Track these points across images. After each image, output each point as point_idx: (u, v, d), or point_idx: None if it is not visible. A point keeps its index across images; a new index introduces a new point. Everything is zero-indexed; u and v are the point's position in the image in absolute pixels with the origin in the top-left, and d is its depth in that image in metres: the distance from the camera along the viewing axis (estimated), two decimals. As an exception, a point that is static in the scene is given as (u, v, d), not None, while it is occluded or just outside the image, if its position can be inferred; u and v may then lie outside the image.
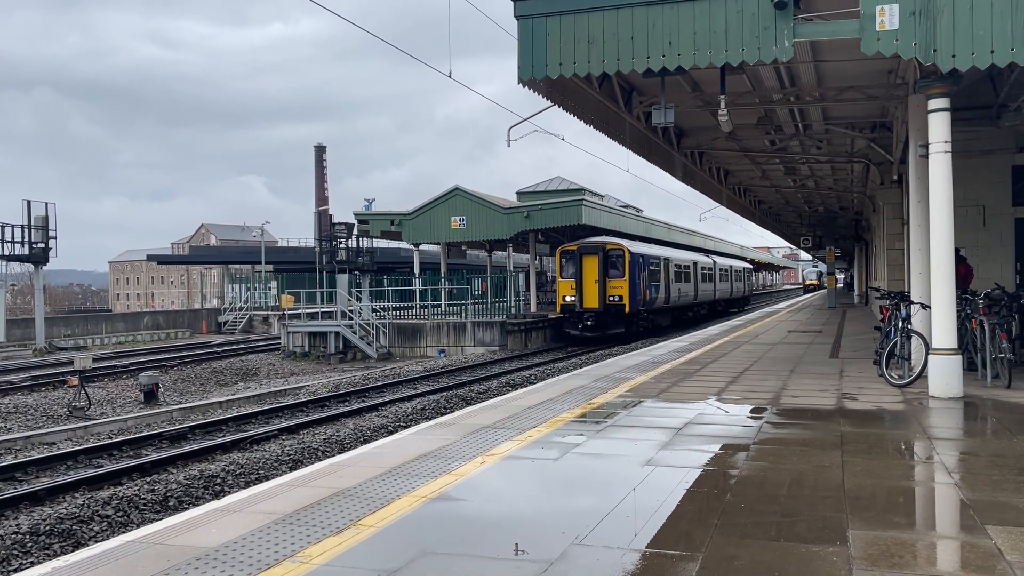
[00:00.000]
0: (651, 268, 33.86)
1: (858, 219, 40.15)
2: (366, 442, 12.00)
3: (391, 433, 12.18)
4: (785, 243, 78.91)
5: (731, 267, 54.79)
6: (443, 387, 19.24)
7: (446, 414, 11.10)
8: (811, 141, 20.72)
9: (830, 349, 17.13)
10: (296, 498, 5.82)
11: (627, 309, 30.90)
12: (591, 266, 31.25)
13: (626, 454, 7.14)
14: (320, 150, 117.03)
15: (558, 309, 32.22)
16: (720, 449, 7.31)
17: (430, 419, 11.72)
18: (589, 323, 30.76)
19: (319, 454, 11.79)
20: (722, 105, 12.01)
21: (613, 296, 30.93)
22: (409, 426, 12.06)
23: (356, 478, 6.37)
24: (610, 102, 14.80)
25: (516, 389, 15.15)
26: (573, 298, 31.15)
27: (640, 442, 7.61)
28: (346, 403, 17.51)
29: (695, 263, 43.18)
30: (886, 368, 11.31)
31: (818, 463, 6.65)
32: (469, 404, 15.58)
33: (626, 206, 55.73)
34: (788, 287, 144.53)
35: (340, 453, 9.31)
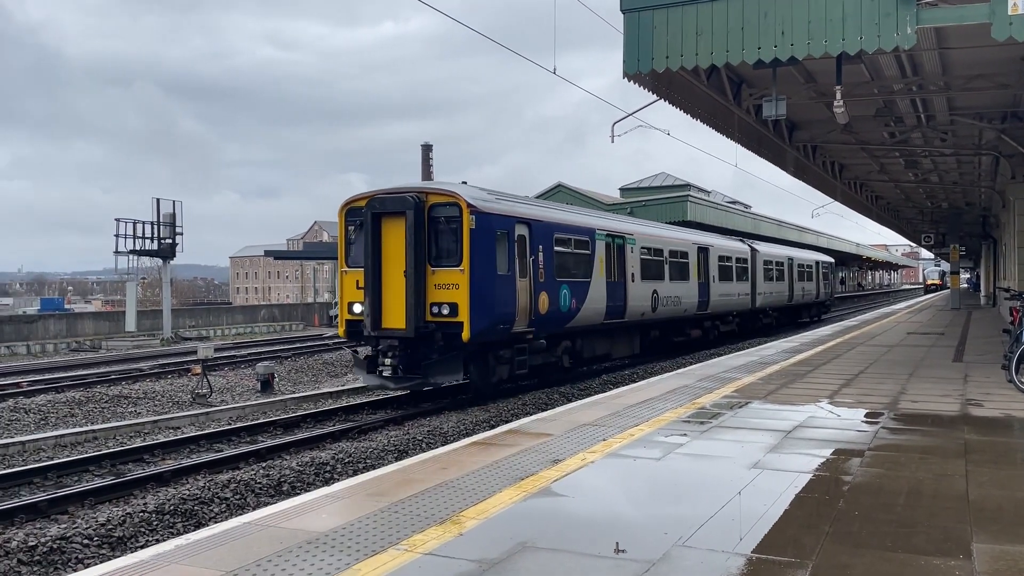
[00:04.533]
0: (559, 249, 17.11)
1: (985, 215, 37.82)
2: (468, 435, 12.17)
3: (492, 427, 12.30)
4: (905, 240, 75.26)
5: (791, 260, 36.71)
6: (544, 384, 19.30)
7: (547, 410, 11.12)
8: (935, 133, 19.64)
9: (953, 352, 16.20)
10: (401, 488, 5.96)
11: (466, 334, 14.16)
12: (394, 240, 14.54)
13: (732, 456, 6.96)
14: (427, 149, 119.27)
15: (340, 330, 15.98)
16: (832, 454, 7.03)
17: (531, 415, 11.78)
18: (390, 360, 14.45)
19: (423, 445, 12.03)
20: (838, 96, 11.54)
21: (439, 305, 14.37)
22: (509, 421, 12.14)
23: (459, 470, 6.46)
24: (718, 95, 14.47)
25: (617, 387, 15.02)
26: (363, 308, 14.75)
27: (747, 444, 7.40)
28: (450, 396, 17.80)
29: (699, 248, 25.48)
30: (1016, 373, 10.61)
31: (939, 472, 6.30)
32: (569, 401, 15.56)
33: (733, 202, 54.47)
34: (907, 287, 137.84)
35: (443, 445, 9.47)
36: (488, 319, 14.60)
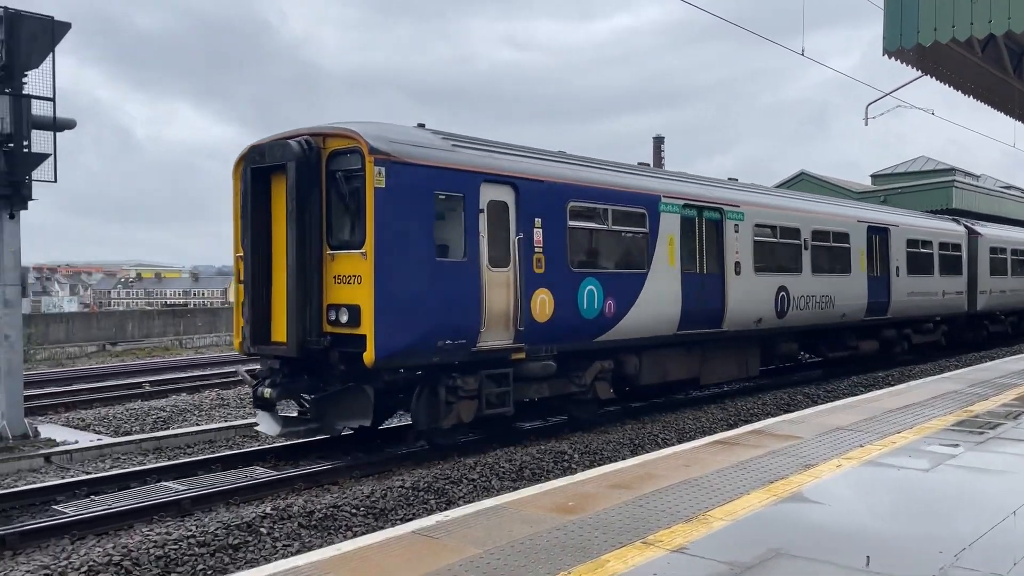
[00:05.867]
0: (577, 224, 11.40)
1: None
2: (707, 434, 11.90)
3: (732, 427, 11.92)
4: None
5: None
6: (787, 382, 18.38)
7: (792, 411, 10.59)
8: None
9: None
10: (643, 482, 5.95)
11: (370, 354, 8.89)
12: (277, 212, 9.97)
13: (1016, 471, 6.21)
14: (658, 141, 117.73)
15: (235, 342, 10.80)
16: None
17: (775, 415, 11.28)
18: (269, 392, 9.59)
19: (659, 441, 11.93)
20: None
21: (336, 309, 9.38)
22: (751, 421, 11.69)
23: (702, 468, 6.34)
24: (995, 68, 12.91)
25: (871, 390, 13.95)
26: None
27: (1033, 460, 6.57)
28: (684, 394, 17.49)
29: (869, 227, 18.41)
30: None
31: None
32: (815, 403, 14.68)
33: (1007, 187, 48.45)
34: None
35: (680, 443, 9.35)
36: (413, 331, 9.36)
